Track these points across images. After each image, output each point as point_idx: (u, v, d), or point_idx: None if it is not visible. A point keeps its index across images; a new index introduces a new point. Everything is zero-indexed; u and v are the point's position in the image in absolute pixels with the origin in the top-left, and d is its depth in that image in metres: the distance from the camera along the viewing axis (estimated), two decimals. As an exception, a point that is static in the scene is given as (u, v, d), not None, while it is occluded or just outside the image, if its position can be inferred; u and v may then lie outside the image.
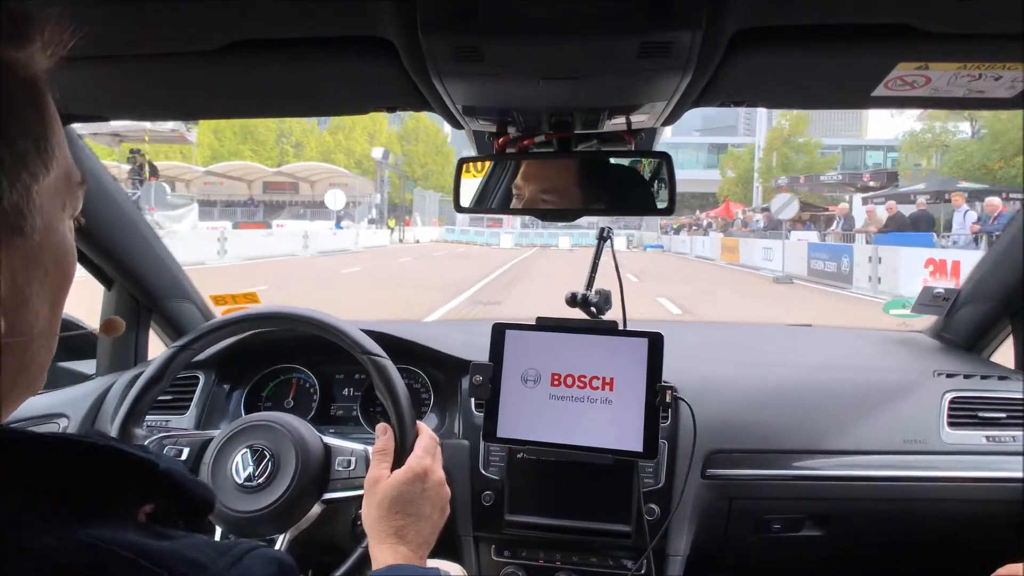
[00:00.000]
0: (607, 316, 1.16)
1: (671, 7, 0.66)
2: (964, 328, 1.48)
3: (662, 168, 1.04)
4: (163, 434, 0.98)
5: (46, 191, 0.40)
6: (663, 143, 1.20)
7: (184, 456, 0.95)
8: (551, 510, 1.13)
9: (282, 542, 0.90)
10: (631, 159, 1.11)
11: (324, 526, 0.95)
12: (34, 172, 0.39)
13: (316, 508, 0.92)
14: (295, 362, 1.35)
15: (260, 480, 0.90)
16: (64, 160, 0.42)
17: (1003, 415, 1.22)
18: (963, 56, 0.78)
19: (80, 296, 0.50)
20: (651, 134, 1.13)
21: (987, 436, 1.20)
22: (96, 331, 1.39)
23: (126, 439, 0.93)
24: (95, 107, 1.00)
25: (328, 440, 0.97)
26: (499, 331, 1.12)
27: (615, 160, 1.12)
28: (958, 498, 1.17)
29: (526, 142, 1.06)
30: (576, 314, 1.16)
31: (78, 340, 1.50)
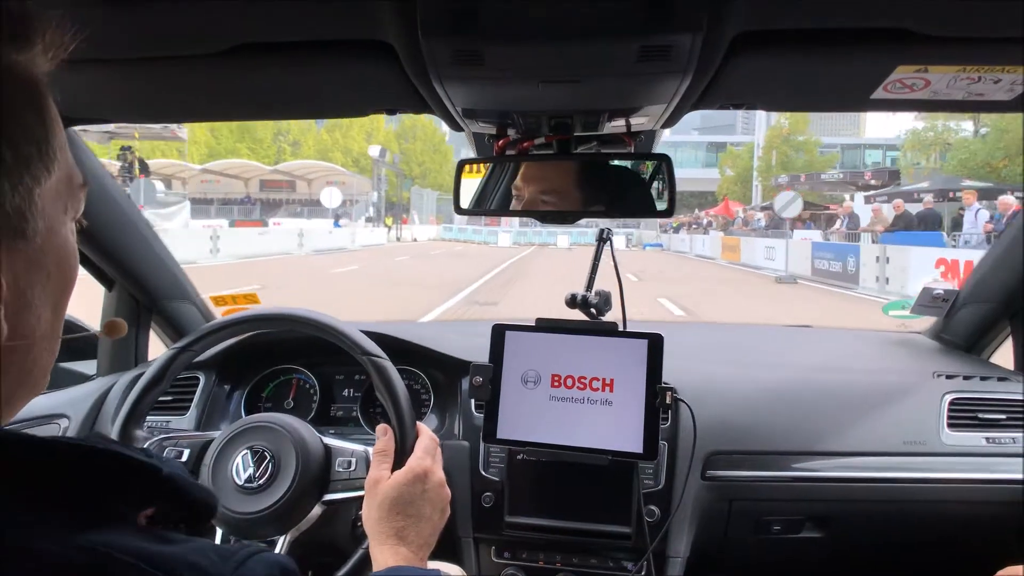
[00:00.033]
0: (607, 317, 1.17)
1: (671, 10, 0.66)
2: (964, 329, 1.48)
3: (662, 169, 1.05)
4: (163, 435, 0.98)
5: (48, 194, 0.40)
6: (662, 142, 1.20)
7: (184, 457, 0.95)
8: (551, 511, 1.12)
9: (283, 543, 0.90)
10: (631, 161, 1.12)
11: (324, 527, 0.95)
12: (36, 175, 0.39)
13: (316, 509, 0.92)
14: (295, 363, 1.35)
15: (261, 481, 0.90)
16: (66, 163, 0.42)
17: (1003, 416, 1.22)
18: (962, 59, 0.78)
19: (80, 297, 0.49)
20: (650, 136, 1.13)
21: (987, 438, 1.20)
22: (98, 333, 1.39)
23: (127, 441, 0.93)
24: (97, 110, 1.00)
25: (328, 441, 0.97)
26: (499, 332, 1.12)
27: (615, 162, 1.13)
28: (958, 500, 1.17)
29: (526, 144, 1.06)
30: (576, 315, 1.16)
31: (79, 341, 1.50)
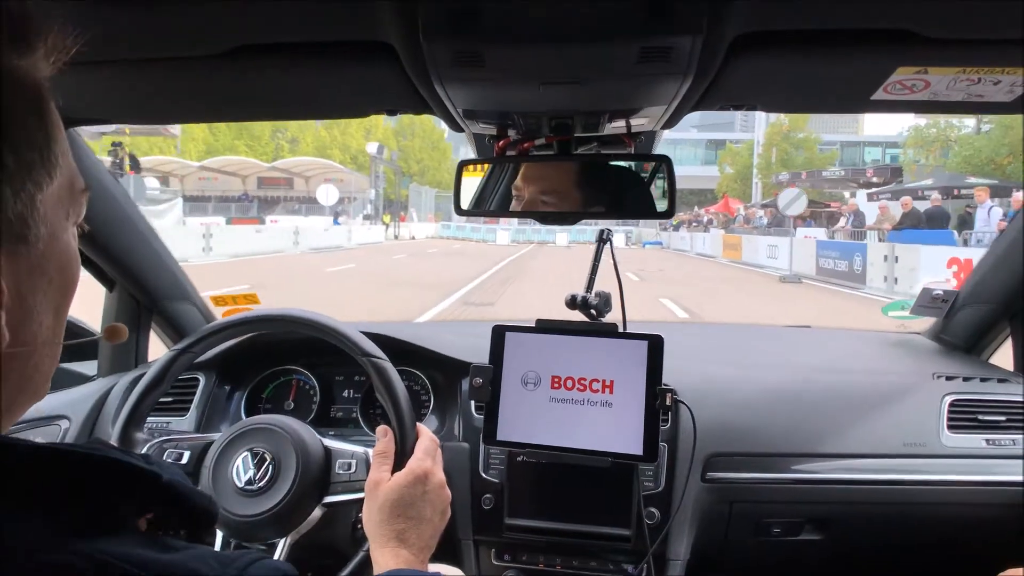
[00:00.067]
0: (607, 318, 1.16)
1: (671, 12, 0.66)
2: (963, 330, 1.48)
3: (662, 170, 1.05)
4: (164, 437, 0.98)
5: (50, 199, 0.40)
6: (661, 140, 1.20)
7: (185, 460, 0.95)
8: (551, 514, 1.12)
9: (283, 546, 0.90)
10: (631, 162, 1.11)
11: (325, 529, 0.95)
12: (38, 181, 0.39)
13: (317, 511, 0.92)
14: (295, 363, 1.35)
15: (261, 484, 0.90)
16: (68, 168, 0.42)
17: (1003, 418, 1.22)
18: (962, 61, 0.78)
19: (79, 297, 0.49)
20: (651, 136, 1.13)
21: (987, 439, 1.20)
22: (99, 337, 1.39)
23: (127, 443, 0.93)
24: (97, 111, 0.99)
25: (328, 443, 0.97)
26: (499, 333, 1.12)
27: (615, 163, 1.12)
28: (958, 502, 1.17)
29: (526, 145, 1.06)
30: (576, 316, 1.16)
31: (78, 339, 1.50)
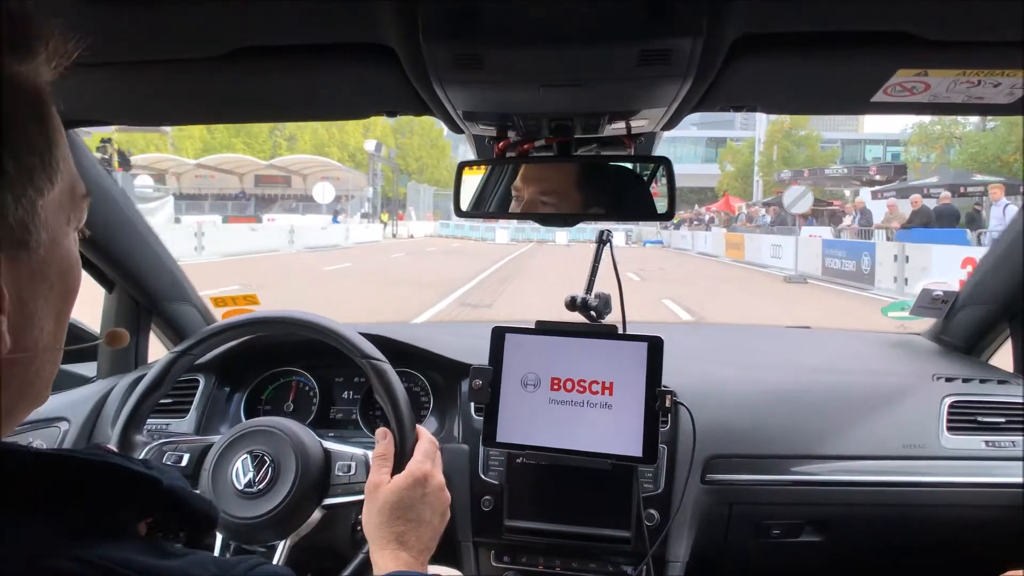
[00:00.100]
0: (607, 319, 1.16)
1: (671, 14, 0.66)
2: (963, 331, 1.48)
3: (662, 172, 1.04)
4: (163, 440, 0.98)
5: (51, 205, 0.40)
6: (661, 140, 1.20)
7: (184, 462, 0.95)
8: (550, 515, 1.12)
9: (283, 548, 0.90)
10: (631, 163, 1.11)
11: (324, 531, 0.95)
12: (39, 186, 0.39)
13: (316, 514, 0.92)
14: (295, 365, 1.35)
15: (261, 486, 0.90)
16: (69, 173, 0.42)
17: (1002, 420, 1.22)
18: (962, 63, 0.78)
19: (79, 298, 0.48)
20: (650, 138, 1.13)
21: (986, 441, 1.20)
22: (100, 342, 1.39)
23: (126, 446, 0.94)
24: (97, 112, 0.99)
25: (328, 445, 0.97)
26: (499, 334, 1.12)
27: (615, 164, 1.12)
28: (958, 503, 1.17)
29: (526, 146, 1.06)
30: (575, 317, 1.16)
31: (80, 340, 1.50)
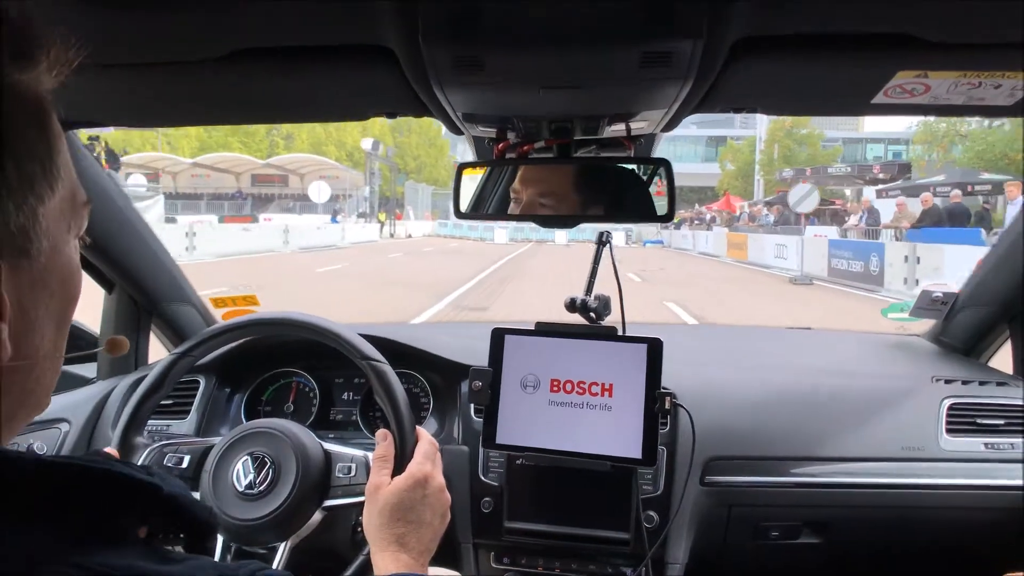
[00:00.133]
0: (606, 321, 1.16)
1: (671, 17, 0.66)
2: (962, 332, 1.47)
3: (661, 174, 1.04)
4: (164, 442, 0.98)
5: (52, 213, 0.40)
6: (661, 141, 1.20)
7: (185, 464, 0.95)
8: (550, 517, 1.12)
9: (283, 550, 0.90)
10: (631, 165, 1.11)
11: (325, 533, 0.95)
12: (40, 194, 0.39)
13: (317, 515, 0.92)
14: (295, 366, 1.35)
15: (261, 488, 0.90)
16: (70, 180, 0.42)
17: (1002, 422, 1.22)
18: (963, 65, 0.77)
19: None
20: (650, 139, 1.13)
21: (986, 443, 1.20)
22: (101, 349, 1.39)
23: (127, 448, 0.94)
24: (96, 114, 1.00)
25: (328, 447, 0.97)
26: (498, 336, 1.12)
27: (614, 165, 1.12)
28: (957, 506, 1.17)
29: (526, 148, 1.05)
30: (575, 319, 1.16)
31: (80, 342, 1.50)
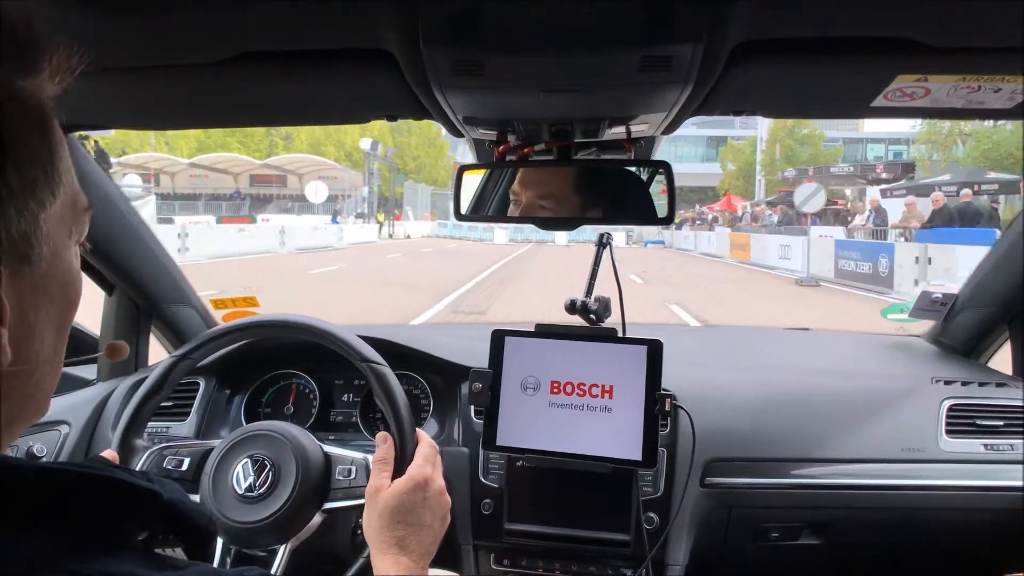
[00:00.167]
0: (606, 323, 1.16)
1: (671, 21, 0.66)
2: (962, 333, 1.48)
3: (661, 176, 1.04)
4: (164, 444, 0.98)
5: (53, 218, 0.40)
6: (661, 143, 1.20)
7: (185, 466, 0.95)
8: (550, 519, 1.12)
9: (283, 552, 0.90)
10: (631, 167, 1.11)
11: (325, 535, 0.95)
12: (41, 200, 0.39)
13: (317, 518, 0.92)
14: (295, 367, 1.35)
15: (261, 490, 0.90)
16: (71, 186, 0.42)
17: (1001, 423, 1.22)
18: (963, 68, 0.78)
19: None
20: (650, 141, 1.13)
21: (985, 444, 1.20)
22: (101, 354, 1.39)
23: (127, 450, 0.94)
24: (98, 117, 1.00)
25: (328, 449, 0.97)
26: (499, 338, 1.12)
27: (614, 167, 1.12)
28: (956, 507, 1.17)
29: (526, 150, 1.06)
30: (575, 320, 1.16)
31: (80, 342, 1.50)
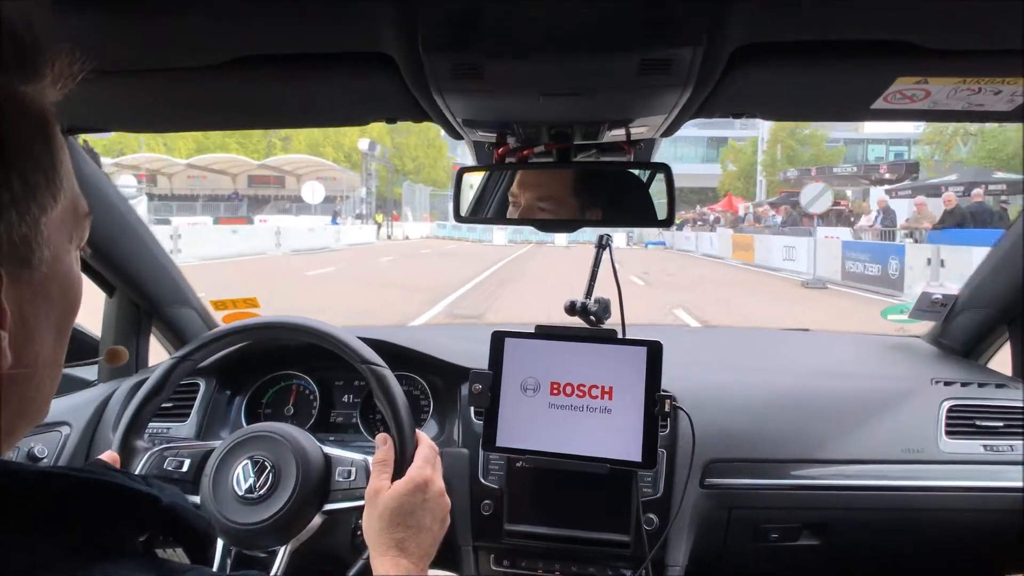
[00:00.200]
0: (606, 324, 1.16)
1: (671, 25, 0.66)
2: (962, 334, 1.48)
3: (660, 177, 1.04)
4: (164, 445, 0.98)
5: (54, 223, 0.40)
6: (661, 145, 1.20)
7: (185, 468, 0.95)
8: (550, 519, 1.12)
9: (283, 554, 0.91)
10: (631, 169, 1.11)
11: (324, 537, 0.95)
12: (43, 204, 0.39)
13: (317, 519, 0.93)
14: (295, 368, 1.35)
15: (261, 492, 0.90)
16: (71, 191, 0.42)
17: (1001, 424, 1.22)
18: (962, 71, 0.78)
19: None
20: (650, 143, 1.13)
21: (985, 445, 1.20)
22: (101, 360, 1.39)
23: (127, 452, 0.94)
24: (98, 120, 1.00)
25: (328, 450, 0.97)
26: (498, 339, 1.12)
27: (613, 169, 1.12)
28: (956, 508, 1.17)
29: (525, 152, 1.06)
30: (575, 322, 1.16)
31: (80, 342, 1.50)
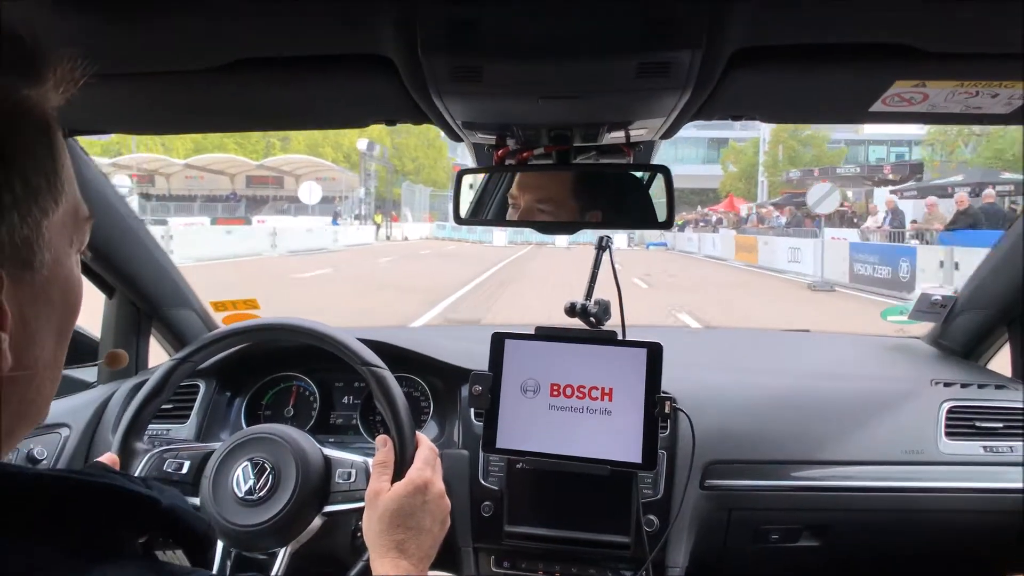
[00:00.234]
0: (607, 326, 1.17)
1: (670, 27, 0.67)
2: (961, 335, 1.48)
3: (660, 179, 1.05)
4: (164, 447, 0.98)
5: (55, 226, 0.40)
6: (661, 147, 1.20)
7: (185, 470, 0.95)
8: (550, 521, 1.13)
9: (283, 555, 0.91)
10: (630, 171, 1.12)
11: (324, 539, 0.95)
12: (44, 207, 0.39)
13: (317, 521, 0.93)
14: (295, 370, 1.35)
15: (261, 494, 0.90)
16: (73, 195, 0.43)
17: (1000, 425, 1.22)
18: (961, 74, 0.78)
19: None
20: (649, 145, 1.13)
21: (984, 446, 1.20)
22: (101, 363, 1.40)
23: (127, 453, 0.94)
24: (97, 122, 1.01)
25: (328, 452, 0.97)
26: (499, 340, 1.12)
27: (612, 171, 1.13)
28: (956, 509, 1.17)
29: (525, 154, 1.06)
30: (575, 323, 1.16)
31: (80, 343, 1.50)
